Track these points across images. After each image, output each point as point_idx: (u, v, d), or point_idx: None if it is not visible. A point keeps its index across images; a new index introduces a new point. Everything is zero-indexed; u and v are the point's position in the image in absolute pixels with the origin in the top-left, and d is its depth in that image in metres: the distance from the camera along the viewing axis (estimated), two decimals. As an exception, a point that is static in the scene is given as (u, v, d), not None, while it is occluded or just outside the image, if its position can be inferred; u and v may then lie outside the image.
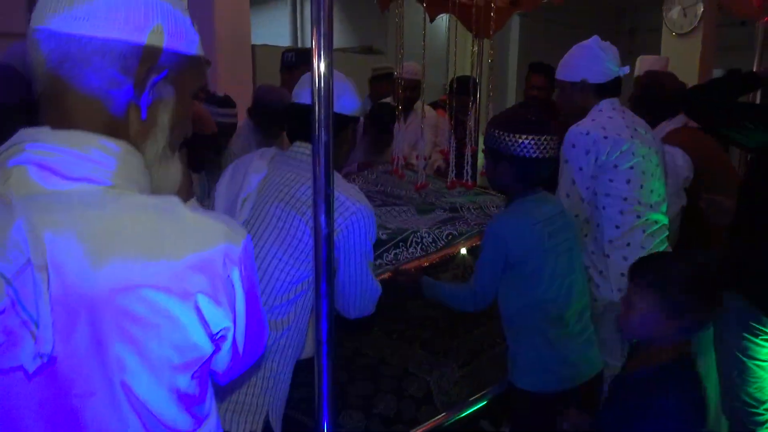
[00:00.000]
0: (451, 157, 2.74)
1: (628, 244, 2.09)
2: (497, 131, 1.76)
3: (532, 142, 1.71)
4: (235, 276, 0.76)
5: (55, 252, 0.66)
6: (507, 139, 1.73)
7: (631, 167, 2.05)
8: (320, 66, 1.18)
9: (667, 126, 2.62)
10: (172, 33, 0.79)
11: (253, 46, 5.57)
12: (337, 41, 7.33)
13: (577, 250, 1.91)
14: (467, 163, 2.70)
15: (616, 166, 2.04)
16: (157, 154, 0.83)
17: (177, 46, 0.80)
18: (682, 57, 4.57)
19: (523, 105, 1.98)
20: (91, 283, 0.67)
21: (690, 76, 4.56)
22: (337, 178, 1.54)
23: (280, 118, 2.83)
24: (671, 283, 1.35)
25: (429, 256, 2.13)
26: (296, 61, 3.46)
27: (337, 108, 1.50)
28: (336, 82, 1.50)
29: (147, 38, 0.76)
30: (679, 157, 2.41)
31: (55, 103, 0.76)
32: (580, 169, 2.05)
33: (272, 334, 1.43)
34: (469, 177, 2.69)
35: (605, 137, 2.03)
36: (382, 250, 2.05)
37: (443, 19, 3.38)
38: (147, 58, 0.77)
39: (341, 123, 1.57)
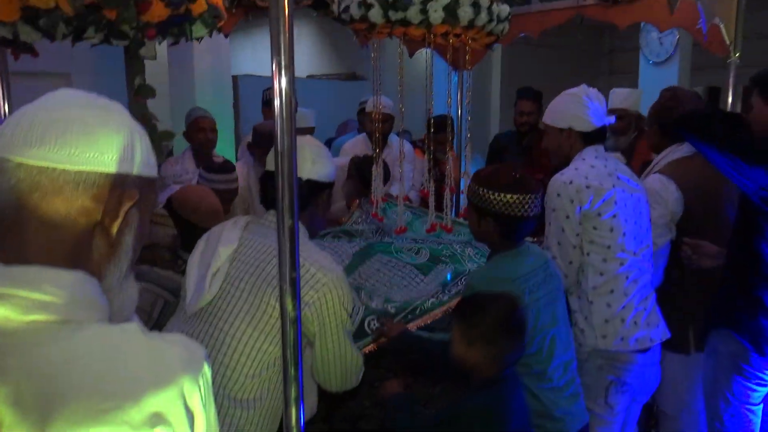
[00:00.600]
0: (431, 200, 2.74)
1: (612, 291, 2.08)
2: (482, 189, 1.78)
3: (517, 200, 1.74)
4: (195, 402, 0.74)
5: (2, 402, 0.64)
6: (492, 197, 1.76)
7: (614, 215, 2.06)
8: (283, 142, 1.17)
9: (675, 151, 2.55)
10: (141, 159, 0.80)
11: (235, 77, 5.59)
12: (321, 68, 7.37)
13: (561, 301, 1.91)
14: (446, 206, 2.70)
15: (599, 215, 2.05)
16: (120, 277, 0.82)
17: (144, 171, 0.81)
18: (659, 83, 4.61)
19: (507, 163, 2.00)
20: None
21: (668, 102, 4.61)
22: (309, 247, 1.53)
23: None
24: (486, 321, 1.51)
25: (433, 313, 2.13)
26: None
27: (313, 175, 1.58)
28: (310, 149, 1.60)
29: (119, 166, 0.77)
30: (672, 191, 2.39)
31: (14, 233, 0.74)
32: (567, 217, 2.06)
33: (243, 413, 1.41)
34: (448, 220, 2.68)
35: (587, 186, 2.04)
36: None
37: (424, 51, 3.41)
38: (118, 185, 0.77)
39: (317, 189, 1.59)
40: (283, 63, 1.12)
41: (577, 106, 2.18)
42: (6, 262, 0.73)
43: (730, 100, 3.13)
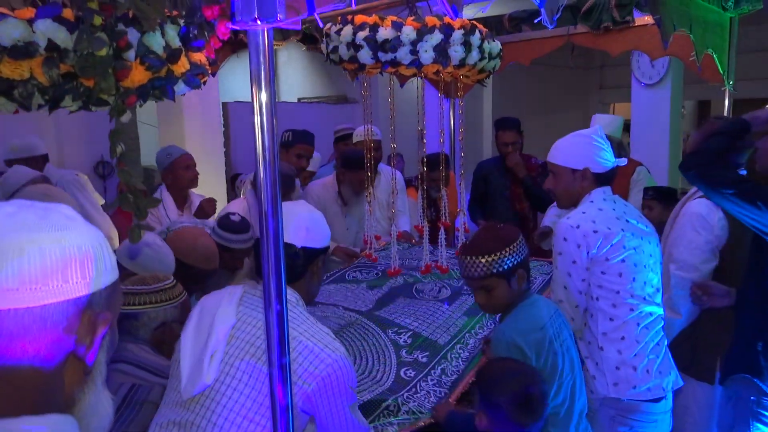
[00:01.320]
0: (425, 238, 2.68)
1: (623, 338, 2.03)
2: (468, 258, 1.81)
3: (509, 252, 1.78)
4: None
5: None
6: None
7: (623, 260, 2.01)
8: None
9: None
10: (105, 268, 0.75)
11: (225, 104, 5.54)
12: (311, 91, 7.33)
13: (574, 349, 1.89)
14: (441, 244, 2.64)
15: (607, 260, 2.01)
16: (95, 394, 0.78)
17: (109, 279, 0.76)
18: (651, 105, 4.60)
19: (484, 227, 1.99)
20: None
21: (660, 124, 4.60)
22: (308, 321, 1.47)
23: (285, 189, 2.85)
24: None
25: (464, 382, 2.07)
26: (292, 140, 3.34)
27: (308, 243, 1.55)
28: (305, 215, 1.57)
29: (86, 288, 0.72)
30: (719, 217, 2.36)
31: None
32: (574, 262, 2.02)
33: None
34: (443, 259, 2.63)
35: (595, 231, 2.00)
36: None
37: (415, 79, 3.38)
38: (88, 307, 0.73)
39: (312, 256, 1.56)
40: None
41: (593, 147, 2.14)
42: None
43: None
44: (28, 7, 1.39)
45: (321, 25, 1.32)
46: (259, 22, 1.02)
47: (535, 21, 2.05)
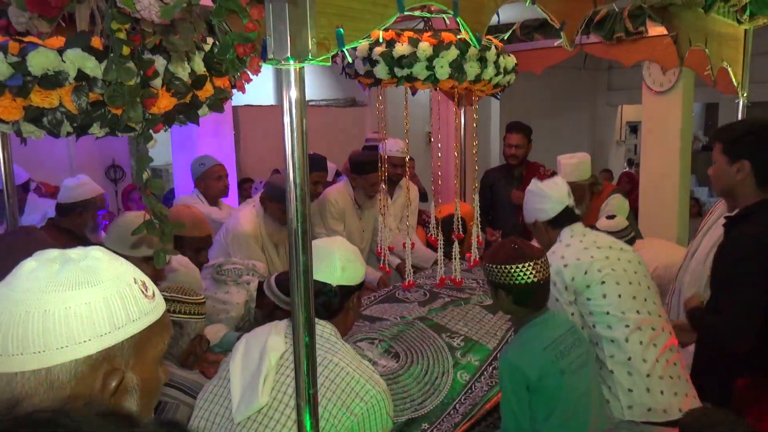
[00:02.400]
0: (440, 251, 2.69)
1: (629, 359, 2.04)
2: (490, 265, 1.89)
3: (519, 269, 1.85)
4: None
5: None
6: (498, 270, 1.87)
7: (602, 282, 2.09)
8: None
9: None
10: (126, 318, 0.75)
11: (235, 107, 5.55)
12: (320, 94, 7.33)
13: (591, 364, 1.95)
14: (455, 257, 2.66)
15: (588, 286, 2.09)
16: None
17: (131, 330, 0.76)
18: (663, 111, 4.59)
19: (509, 238, 2.02)
20: None
21: (671, 130, 4.59)
22: (350, 353, 1.53)
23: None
24: None
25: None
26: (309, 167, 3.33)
27: (343, 281, 1.60)
28: (340, 255, 1.62)
29: (99, 344, 0.72)
30: None
31: None
32: (556, 300, 2.11)
33: None
34: (457, 272, 2.64)
35: (565, 265, 2.12)
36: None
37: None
38: (104, 362, 0.73)
39: (348, 293, 1.62)
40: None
41: (536, 199, 2.31)
42: None
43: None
44: (57, 36, 1.41)
45: (350, 59, 1.34)
46: (291, 61, 1.03)
47: (555, 45, 2.05)
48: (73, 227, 3.00)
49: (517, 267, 1.84)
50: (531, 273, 1.84)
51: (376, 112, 3.02)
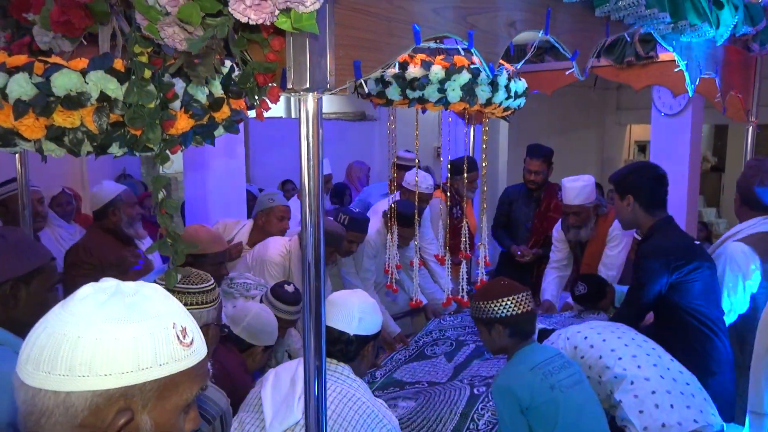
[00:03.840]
0: (447, 270, 2.71)
1: (632, 383, 2.10)
2: (482, 303, 2.03)
3: (514, 301, 2.01)
4: None
5: None
6: (492, 305, 2.01)
7: (585, 337, 2.28)
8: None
9: (761, 224, 2.58)
10: (153, 360, 0.75)
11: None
12: (330, 107, 7.39)
13: (585, 383, 2.05)
14: (462, 278, 2.67)
15: (576, 347, 2.28)
16: None
17: (155, 374, 0.76)
18: (672, 135, 4.61)
19: (496, 278, 2.25)
20: None
21: (680, 152, 4.60)
22: (370, 393, 1.71)
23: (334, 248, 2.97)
24: None
25: None
26: (347, 225, 3.16)
27: (360, 331, 1.76)
28: (358, 306, 1.77)
29: (118, 381, 0.73)
30: (756, 265, 2.47)
31: None
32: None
33: None
34: (464, 293, 2.66)
35: (552, 343, 2.35)
36: None
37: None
38: (121, 399, 0.74)
39: (363, 342, 1.78)
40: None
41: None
42: None
43: (747, 157, 3.14)
44: (78, 55, 1.45)
45: (367, 89, 1.37)
46: (310, 92, 1.06)
47: (567, 73, 2.08)
48: (111, 227, 3.14)
49: (512, 299, 2.00)
50: (525, 303, 2.02)
51: (386, 127, 3.05)
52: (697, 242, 2.75)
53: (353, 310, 1.76)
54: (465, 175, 3.14)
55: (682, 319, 2.42)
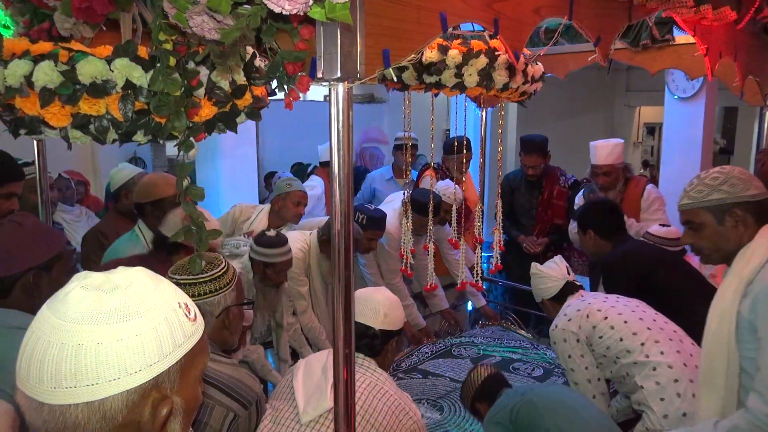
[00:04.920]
0: (461, 254, 2.71)
1: (654, 369, 2.10)
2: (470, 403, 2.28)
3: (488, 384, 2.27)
4: None
5: None
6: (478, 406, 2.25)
7: (605, 317, 2.26)
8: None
9: None
10: (172, 346, 0.76)
11: (255, 102, 5.56)
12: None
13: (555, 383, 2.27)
14: (477, 262, 2.68)
15: (594, 327, 2.26)
16: None
17: (177, 355, 0.77)
18: (685, 118, 4.58)
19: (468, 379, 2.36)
20: None
21: (693, 136, 4.57)
22: (396, 387, 1.77)
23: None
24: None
25: None
26: (366, 224, 3.15)
27: (385, 326, 1.82)
28: (383, 303, 1.84)
29: (149, 373, 0.74)
30: None
31: None
32: (569, 356, 2.29)
33: None
34: (479, 276, 2.67)
35: (569, 320, 2.32)
36: None
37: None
38: (153, 390, 0.75)
39: (388, 337, 1.84)
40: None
41: (539, 282, 2.54)
42: None
43: (754, 143, 3.12)
44: (98, 40, 1.44)
45: (394, 78, 1.36)
46: (341, 81, 1.05)
47: (589, 60, 2.06)
48: (124, 210, 3.17)
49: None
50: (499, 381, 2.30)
51: (396, 109, 3.05)
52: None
53: (378, 306, 1.82)
54: (455, 156, 3.15)
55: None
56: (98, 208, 4.47)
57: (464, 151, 3.45)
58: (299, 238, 3.06)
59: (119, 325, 0.72)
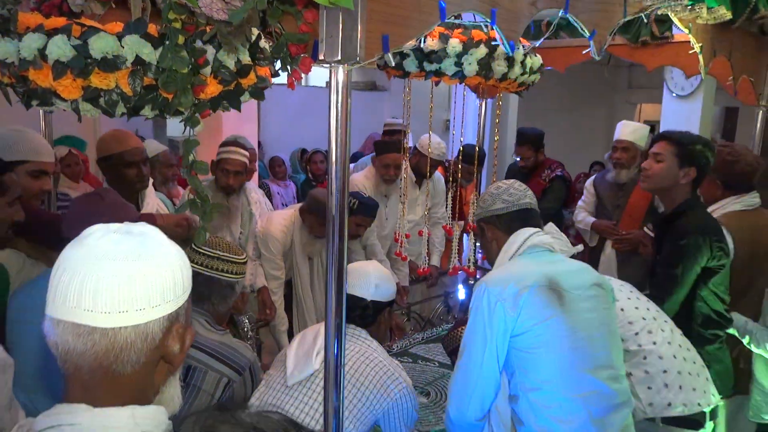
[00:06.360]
0: (454, 243, 2.78)
1: (644, 357, 2.13)
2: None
3: None
4: None
5: None
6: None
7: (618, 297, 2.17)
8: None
9: (733, 203, 2.65)
10: (186, 286, 0.88)
11: (258, 86, 5.60)
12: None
13: None
14: (469, 248, 2.74)
15: (617, 300, 2.16)
16: (174, 387, 0.92)
17: (188, 293, 0.89)
18: (682, 116, 4.63)
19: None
20: None
21: (689, 134, 4.62)
22: (386, 354, 1.82)
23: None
24: None
25: None
26: (356, 209, 3.15)
27: (377, 297, 1.88)
28: (375, 275, 1.90)
29: (174, 305, 0.85)
30: (727, 242, 2.49)
31: (91, 387, 0.82)
32: None
33: None
34: (471, 263, 2.73)
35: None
36: None
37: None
38: (176, 320, 0.87)
39: (380, 308, 1.90)
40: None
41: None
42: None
43: (753, 140, 3.18)
44: (116, 21, 1.49)
45: (392, 63, 1.41)
46: (341, 63, 1.11)
47: (583, 52, 2.11)
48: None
49: None
50: None
51: (397, 97, 3.11)
52: None
53: (370, 278, 1.88)
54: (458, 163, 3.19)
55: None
56: (97, 185, 4.52)
57: (479, 162, 3.42)
58: (283, 217, 3.15)
59: (158, 260, 0.84)
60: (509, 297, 1.64)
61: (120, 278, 0.80)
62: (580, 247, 2.08)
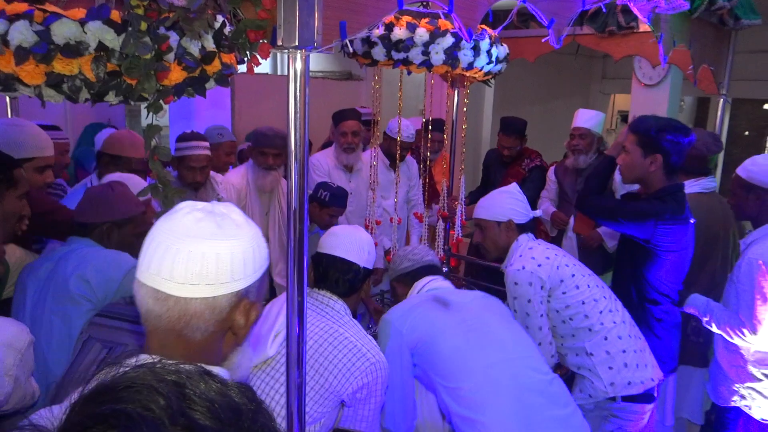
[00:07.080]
0: (424, 227, 2.83)
1: (606, 338, 2.21)
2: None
3: None
4: None
5: None
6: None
7: (572, 275, 2.26)
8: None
9: (691, 185, 2.71)
10: (258, 266, 0.95)
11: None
12: (317, 66, 7.37)
13: None
14: (438, 235, 2.79)
15: (562, 281, 2.24)
16: (241, 355, 1.01)
17: (259, 274, 0.96)
18: (650, 104, 4.73)
19: None
20: None
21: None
22: (358, 329, 1.73)
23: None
24: None
25: None
26: (328, 201, 3.26)
27: (368, 264, 1.84)
28: (368, 239, 1.86)
29: (244, 282, 0.92)
30: None
31: (166, 345, 0.90)
32: (529, 301, 2.23)
33: None
34: (439, 252, 2.78)
35: (539, 265, 2.25)
36: None
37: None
38: (245, 297, 0.94)
39: (366, 276, 1.86)
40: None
41: (514, 202, 2.41)
42: None
43: (717, 129, 3.27)
44: (79, 8, 1.50)
45: (351, 50, 1.45)
46: (299, 49, 1.14)
47: (543, 40, 2.16)
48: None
49: None
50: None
51: (372, 87, 3.13)
52: None
53: (363, 244, 1.85)
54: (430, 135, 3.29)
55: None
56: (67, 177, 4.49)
57: (433, 131, 3.52)
58: (239, 170, 3.30)
59: (231, 242, 0.91)
60: (404, 315, 1.91)
61: (195, 255, 0.87)
62: (538, 212, 2.29)
